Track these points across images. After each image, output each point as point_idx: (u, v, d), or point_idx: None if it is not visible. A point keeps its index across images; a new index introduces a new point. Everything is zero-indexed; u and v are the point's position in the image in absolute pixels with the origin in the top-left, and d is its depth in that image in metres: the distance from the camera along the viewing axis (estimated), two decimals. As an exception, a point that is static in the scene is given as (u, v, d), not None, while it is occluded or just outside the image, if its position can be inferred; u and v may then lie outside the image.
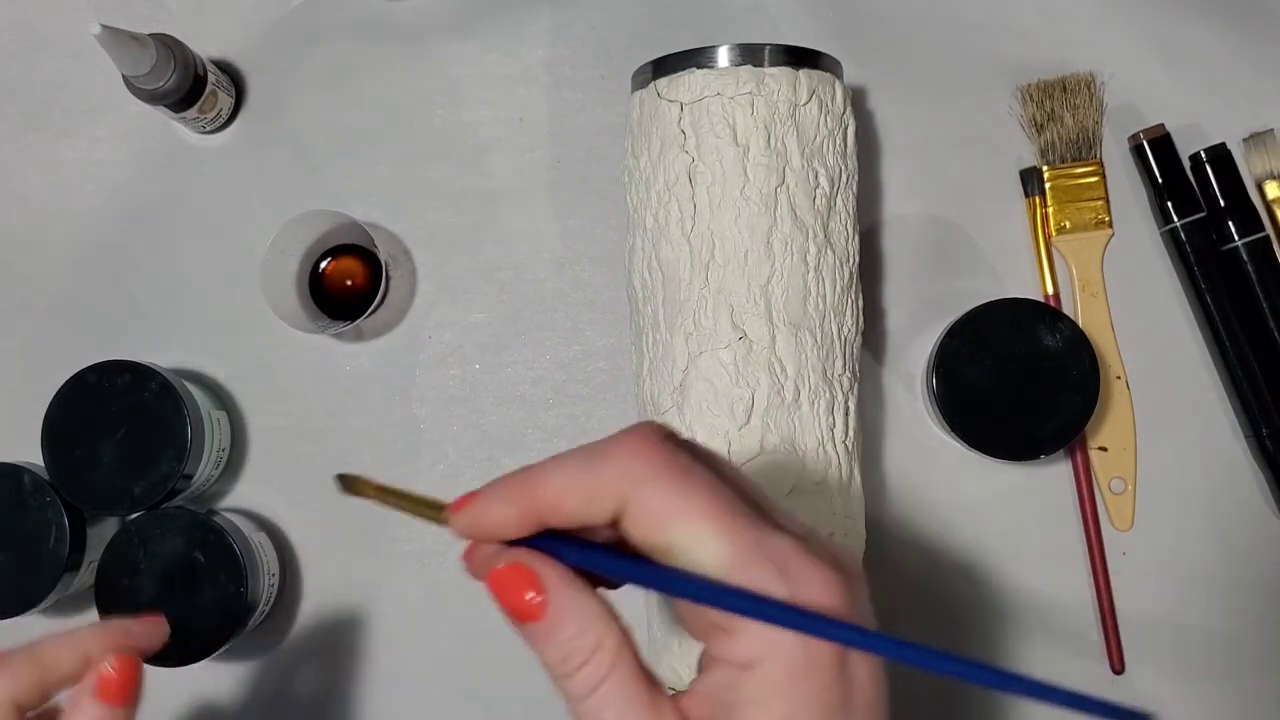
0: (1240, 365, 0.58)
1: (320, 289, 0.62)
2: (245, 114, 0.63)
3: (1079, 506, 0.59)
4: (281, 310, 0.57)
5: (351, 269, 0.61)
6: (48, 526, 0.54)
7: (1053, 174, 0.60)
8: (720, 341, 0.49)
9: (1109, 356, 0.59)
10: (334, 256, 0.61)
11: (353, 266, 0.61)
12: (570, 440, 0.60)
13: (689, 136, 0.50)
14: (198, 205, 0.62)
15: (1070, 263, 0.60)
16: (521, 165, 0.62)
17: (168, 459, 0.55)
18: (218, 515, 0.56)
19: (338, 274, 0.61)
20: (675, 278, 0.50)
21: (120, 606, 0.54)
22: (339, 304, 0.61)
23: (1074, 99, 0.59)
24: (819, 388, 0.50)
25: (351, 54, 0.63)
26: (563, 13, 0.63)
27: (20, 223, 0.63)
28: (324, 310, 0.61)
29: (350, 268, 0.61)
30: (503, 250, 0.61)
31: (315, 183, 0.62)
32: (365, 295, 0.59)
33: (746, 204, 0.49)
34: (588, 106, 0.62)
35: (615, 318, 0.61)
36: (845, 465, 0.51)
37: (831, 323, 0.51)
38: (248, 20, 0.64)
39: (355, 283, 0.61)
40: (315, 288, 0.61)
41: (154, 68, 0.55)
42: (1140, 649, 0.58)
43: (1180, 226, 0.59)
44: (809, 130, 0.50)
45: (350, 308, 0.60)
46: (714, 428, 0.49)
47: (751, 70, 0.49)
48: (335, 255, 0.61)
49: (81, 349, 0.60)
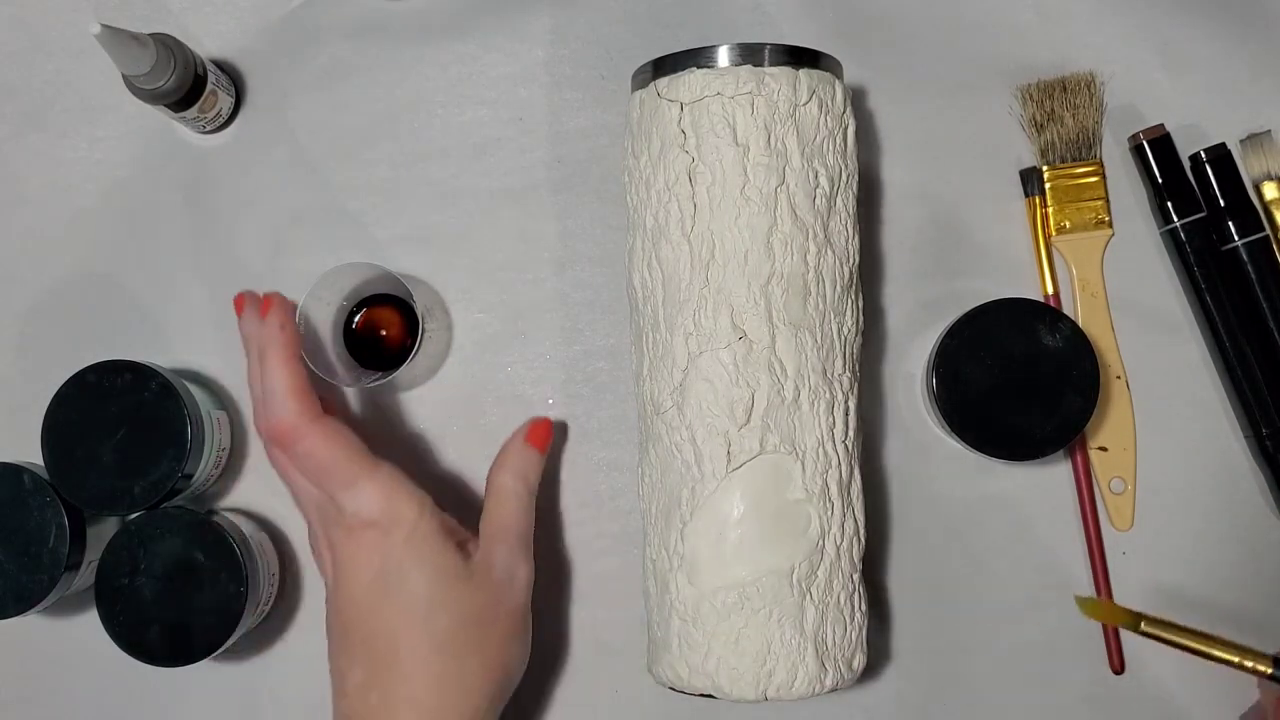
0: (1240, 365, 0.58)
1: (354, 339, 0.60)
2: (245, 114, 0.63)
3: (1079, 506, 0.59)
4: (317, 361, 0.55)
5: (386, 319, 0.60)
6: (48, 526, 0.54)
7: (1053, 174, 0.60)
8: (720, 341, 0.49)
9: (1109, 356, 0.59)
10: (369, 307, 0.60)
11: (388, 316, 0.60)
12: (570, 440, 0.60)
13: (689, 136, 0.50)
14: (198, 205, 0.62)
15: (1070, 263, 0.60)
16: (521, 165, 0.62)
17: (168, 459, 0.55)
18: (218, 515, 0.56)
19: (372, 324, 0.60)
20: (675, 278, 0.50)
21: (120, 606, 0.54)
22: (373, 354, 0.60)
23: (1074, 99, 0.59)
24: (819, 388, 0.50)
25: (351, 54, 0.63)
26: (563, 13, 0.63)
27: (20, 223, 0.63)
28: (359, 361, 0.60)
29: (385, 318, 0.60)
30: (503, 250, 0.61)
31: (315, 183, 0.62)
32: (402, 347, 0.58)
33: (746, 204, 0.49)
34: (588, 106, 0.62)
35: (615, 318, 0.61)
36: (845, 465, 0.51)
37: (831, 323, 0.51)
38: (248, 20, 0.64)
39: (390, 334, 0.60)
40: (349, 338, 0.60)
41: (154, 68, 0.55)
42: (1140, 649, 0.58)
43: (1180, 226, 0.59)
44: (809, 130, 0.50)
45: (384, 359, 0.59)
46: (714, 428, 0.49)
47: (751, 70, 0.49)
48: (370, 305, 0.60)
49: (81, 349, 0.60)
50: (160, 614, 0.54)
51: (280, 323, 0.50)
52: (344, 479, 0.49)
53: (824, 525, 0.49)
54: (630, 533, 0.59)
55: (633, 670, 0.57)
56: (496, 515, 0.53)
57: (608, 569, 0.59)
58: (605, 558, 0.59)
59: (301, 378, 0.49)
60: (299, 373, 0.49)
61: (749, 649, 0.49)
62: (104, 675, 0.59)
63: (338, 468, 0.48)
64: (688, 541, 0.49)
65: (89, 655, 0.58)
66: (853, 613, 0.51)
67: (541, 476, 0.56)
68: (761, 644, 0.49)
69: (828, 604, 0.50)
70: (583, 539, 0.60)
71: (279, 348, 0.49)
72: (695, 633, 0.49)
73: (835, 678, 0.50)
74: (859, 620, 0.51)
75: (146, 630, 0.54)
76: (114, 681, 0.59)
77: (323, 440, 0.48)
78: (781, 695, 0.49)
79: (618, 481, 0.60)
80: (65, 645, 0.60)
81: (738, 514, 0.49)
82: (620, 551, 0.59)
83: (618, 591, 0.59)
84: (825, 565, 0.50)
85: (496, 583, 0.51)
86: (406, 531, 0.48)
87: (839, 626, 0.50)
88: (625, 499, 0.59)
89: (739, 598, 0.48)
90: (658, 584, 0.52)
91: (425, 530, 0.49)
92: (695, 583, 0.49)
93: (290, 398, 0.48)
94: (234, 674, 0.59)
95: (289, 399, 0.48)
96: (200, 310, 0.62)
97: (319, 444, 0.48)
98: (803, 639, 0.49)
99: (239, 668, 0.59)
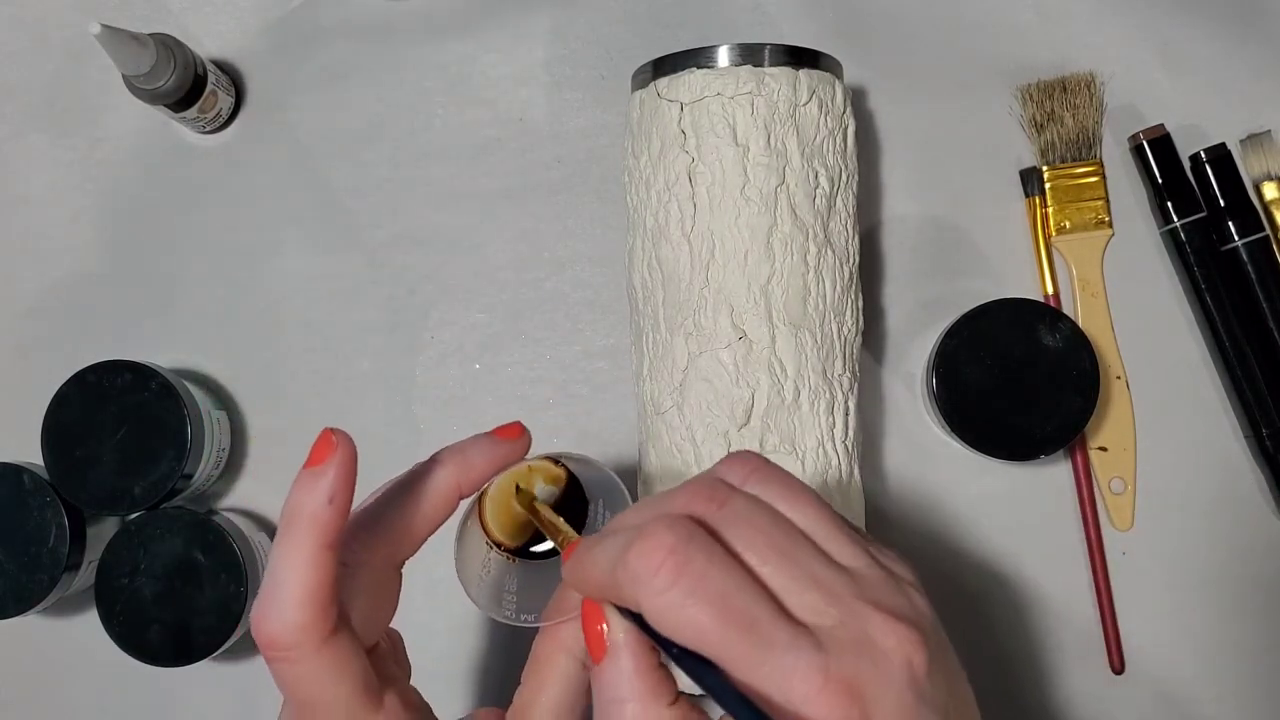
0: (1240, 365, 0.58)
1: None
2: (245, 114, 0.63)
3: (1079, 506, 0.59)
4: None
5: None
6: (48, 526, 0.54)
7: (1053, 174, 0.60)
8: (720, 341, 0.49)
9: (1109, 356, 0.59)
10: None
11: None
12: (570, 440, 0.60)
13: (689, 136, 0.50)
14: (198, 205, 0.62)
15: (1070, 263, 0.60)
16: (521, 165, 0.62)
17: (168, 459, 0.55)
18: (218, 515, 0.56)
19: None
20: (675, 278, 0.50)
21: (120, 606, 0.54)
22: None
23: (1074, 99, 0.59)
24: (819, 388, 0.50)
25: (351, 54, 0.63)
26: (563, 13, 0.63)
27: (20, 223, 0.63)
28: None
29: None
30: (503, 250, 0.61)
31: (315, 183, 0.62)
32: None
33: (746, 204, 0.49)
34: (588, 106, 0.62)
35: (615, 318, 0.61)
36: (845, 465, 0.51)
37: (831, 323, 0.51)
38: (248, 20, 0.64)
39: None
40: None
41: (154, 68, 0.55)
42: (1140, 649, 0.58)
43: (1180, 226, 0.59)
44: (809, 130, 0.50)
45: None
46: (714, 428, 0.49)
47: (751, 70, 0.49)
48: None
49: (81, 349, 0.60)
50: (160, 614, 0.54)
51: (330, 495, 0.33)
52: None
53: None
54: (630, 533, 0.59)
55: (633, 670, 0.57)
56: (548, 695, 0.38)
57: (608, 569, 0.59)
58: (605, 558, 0.59)
59: (325, 579, 0.33)
60: (324, 571, 0.34)
61: (749, 649, 0.48)
62: (104, 675, 0.59)
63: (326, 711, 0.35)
64: (688, 541, 0.49)
65: (89, 655, 0.58)
66: (853, 613, 0.51)
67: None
68: (761, 644, 0.48)
69: (828, 604, 0.50)
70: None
71: (311, 529, 0.33)
72: (695, 633, 0.49)
73: (835, 678, 0.50)
74: (859, 620, 0.51)
75: (146, 630, 0.54)
76: (114, 681, 0.59)
77: (319, 672, 0.34)
78: (781, 695, 0.49)
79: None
80: (65, 645, 0.60)
81: (738, 514, 0.49)
82: (620, 551, 0.59)
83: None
84: (825, 565, 0.50)
85: None
86: None
87: (839, 626, 0.50)
88: (625, 499, 0.59)
89: (739, 598, 0.48)
90: (658, 584, 0.52)
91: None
92: (695, 583, 0.49)
93: (298, 606, 0.33)
94: (234, 674, 0.59)
95: (295, 607, 0.33)
96: (200, 310, 0.62)
97: (311, 676, 0.34)
98: (803, 639, 0.49)
99: (239, 668, 0.59)
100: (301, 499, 0.33)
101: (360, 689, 0.35)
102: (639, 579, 0.30)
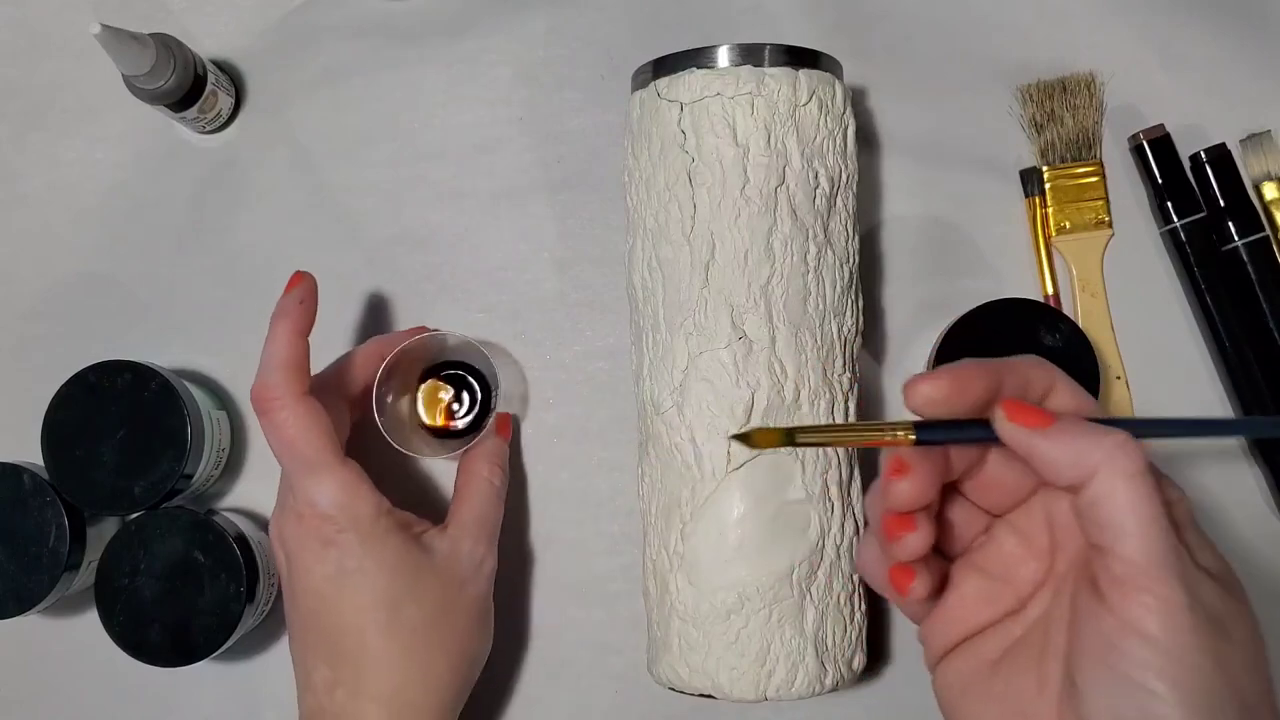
0: (1240, 365, 0.58)
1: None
2: (245, 114, 0.63)
3: (1079, 506, 0.59)
4: (399, 438, 0.55)
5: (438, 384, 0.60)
6: (48, 526, 0.54)
7: (1053, 174, 0.60)
8: (720, 341, 0.49)
9: (1109, 356, 0.59)
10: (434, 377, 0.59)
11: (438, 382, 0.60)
12: (570, 440, 0.60)
13: (689, 136, 0.50)
14: (197, 205, 0.62)
15: (1070, 263, 0.60)
16: (521, 165, 0.62)
17: (168, 459, 0.55)
18: (218, 515, 0.56)
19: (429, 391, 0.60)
20: (675, 278, 0.50)
21: (120, 606, 0.54)
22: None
23: (1074, 99, 0.59)
24: (819, 388, 0.50)
25: (351, 54, 0.63)
26: (563, 13, 0.63)
27: (20, 223, 0.63)
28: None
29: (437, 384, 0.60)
30: (503, 250, 0.61)
31: (315, 183, 0.62)
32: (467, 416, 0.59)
33: (746, 204, 0.49)
34: (588, 106, 0.62)
35: (615, 318, 0.61)
36: (845, 465, 0.51)
37: (831, 323, 0.51)
38: (248, 20, 0.64)
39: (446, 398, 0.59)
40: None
41: (154, 68, 0.55)
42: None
43: (1180, 227, 0.59)
44: (809, 130, 0.50)
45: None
46: (714, 428, 0.49)
47: (751, 70, 0.49)
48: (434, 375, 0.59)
49: (81, 349, 0.60)
50: (160, 614, 0.54)
51: (300, 297, 0.50)
52: (307, 462, 0.48)
53: (824, 526, 0.49)
54: (630, 533, 0.59)
55: (633, 670, 0.57)
56: (469, 506, 0.54)
57: (608, 569, 0.59)
58: (605, 558, 0.59)
59: (299, 354, 0.49)
60: (298, 348, 0.49)
61: (749, 649, 0.49)
62: (104, 675, 0.59)
63: (304, 449, 0.48)
64: (688, 542, 0.49)
65: (89, 655, 0.58)
66: (853, 613, 0.51)
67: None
68: (761, 644, 0.49)
69: (828, 604, 0.50)
70: (583, 539, 0.59)
71: (290, 319, 0.50)
72: (695, 633, 0.49)
73: (835, 678, 0.50)
74: (859, 620, 0.51)
75: (146, 630, 0.54)
76: (114, 681, 0.59)
77: (297, 417, 0.48)
78: (781, 695, 0.49)
79: (618, 481, 0.60)
80: (65, 645, 0.60)
81: (738, 514, 0.49)
82: (620, 551, 0.59)
83: (618, 591, 0.59)
84: (825, 566, 0.50)
85: (461, 573, 0.52)
86: (364, 532, 0.49)
87: (839, 627, 0.50)
88: (625, 499, 0.59)
89: (739, 598, 0.48)
90: (658, 584, 0.52)
91: (383, 530, 0.49)
92: (695, 583, 0.49)
93: (281, 368, 0.49)
94: (234, 674, 0.59)
95: (279, 369, 0.49)
96: (200, 310, 0.62)
97: (292, 419, 0.48)
98: (803, 639, 0.49)
99: (239, 668, 0.59)
100: (283, 303, 0.50)
101: (329, 443, 0.49)
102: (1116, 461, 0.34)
